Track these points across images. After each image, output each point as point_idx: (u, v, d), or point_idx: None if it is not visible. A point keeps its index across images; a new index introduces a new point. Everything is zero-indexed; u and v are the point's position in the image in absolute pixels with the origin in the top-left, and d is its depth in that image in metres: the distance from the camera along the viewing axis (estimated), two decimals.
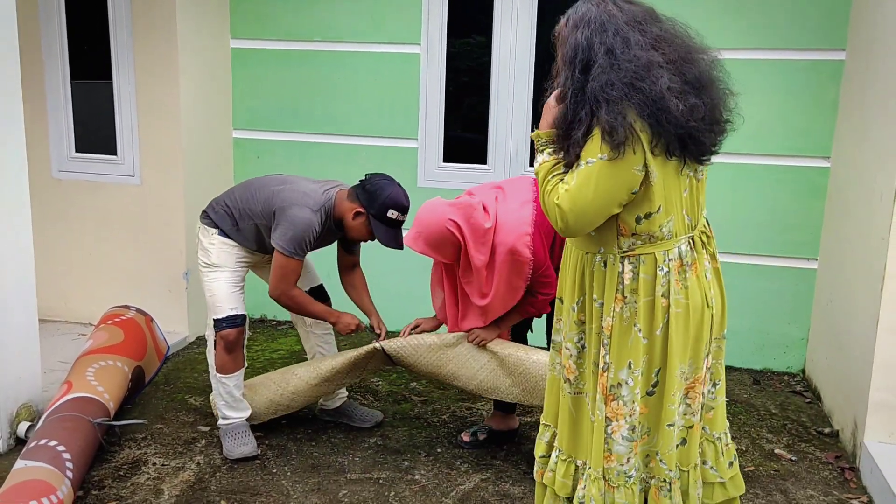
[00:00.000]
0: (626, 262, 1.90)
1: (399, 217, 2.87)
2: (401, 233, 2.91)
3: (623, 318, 1.91)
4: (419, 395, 3.63)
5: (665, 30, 1.84)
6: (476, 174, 4.21)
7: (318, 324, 3.20)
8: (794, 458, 3.12)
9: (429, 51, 4.19)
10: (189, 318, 4.23)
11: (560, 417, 2.11)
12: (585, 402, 2.04)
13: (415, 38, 4.19)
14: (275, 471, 2.91)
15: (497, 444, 3.13)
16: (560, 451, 2.10)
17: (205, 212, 3.05)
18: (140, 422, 3.18)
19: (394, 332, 3.04)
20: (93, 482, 2.77)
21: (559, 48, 1.91)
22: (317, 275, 3.25)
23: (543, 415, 2.21)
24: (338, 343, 3.38)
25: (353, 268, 3.20)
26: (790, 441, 3.28)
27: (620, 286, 1.91)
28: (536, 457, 2.20)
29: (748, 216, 3.97)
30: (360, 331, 3.01)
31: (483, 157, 4.27)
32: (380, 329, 3.05)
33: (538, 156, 1.96)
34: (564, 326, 2.07)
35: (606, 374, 1.94)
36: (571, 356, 2.05)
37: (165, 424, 3.25)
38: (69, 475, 2.50)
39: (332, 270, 3.22)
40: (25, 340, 3.08)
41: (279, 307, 3.71)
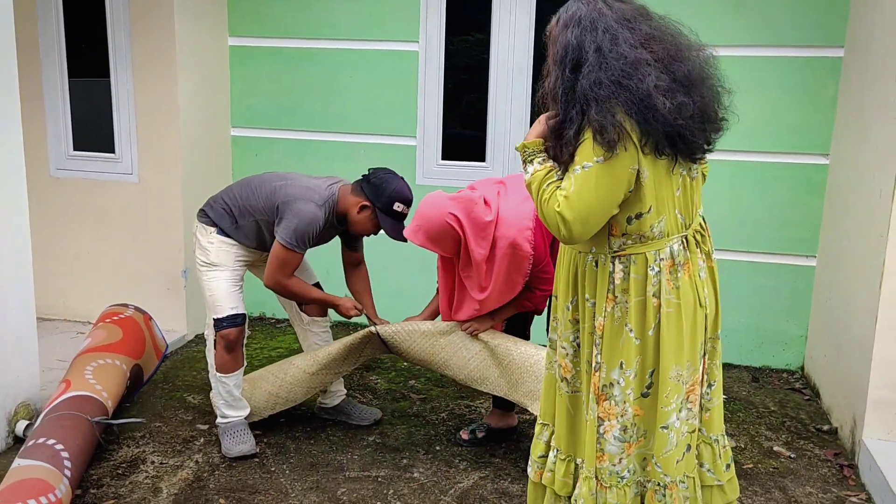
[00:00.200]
0: (617, 262, 1.90)
1: (404, 210, 2.89)
2: (403, 225, 2.92)
3: (614, 318, 1.91)
4: (418, 393, 3.63)
5: (655, 27, 1.83)
6: (475, 171, 4.20)
7: (316, 322, 3.20)
8: (793, 456, 3.12)
9: (427, 48, 4.18)
10: (188, 317, 4.23)
11: (557, 416, 2.10)
12: (583, 401, 2.04)
13: (413, 36, 4.18)
14: (273, 469, 2.91)
15: (496, 442, 3.13)
16: (559, 451, 2.09)
17: (202, 210, 3.04)
18: (138, 420, 3.18)
19: None
20: (91, 481, 2.77)
21: (550, 48, 1.90)
22: (313, 273, 3.25)
23: (541, 414, 2.20)
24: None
25: (358, 265, 3.21)
26: (789, 438, 3.28)
27: (611, 286, 1.90)
28: (534, 456, 2.19)
29: (747, 213, 3.97)
30: (359, 315, 3.03)
31: (482, 155, 4.27)
32: (376, 319, 3.08)
33: (527, 167, 1.92)
34: (560, 325, 2.07)
35: (598, 374, 1.94)
36: (567, 355, 2.05)
37: (164, 423, 3.25)
38: (67, 474, 2.50)
39: (331, 268, 3.21)
40: (24, 339, 3.08)
41: (278, 305, 3.71)
